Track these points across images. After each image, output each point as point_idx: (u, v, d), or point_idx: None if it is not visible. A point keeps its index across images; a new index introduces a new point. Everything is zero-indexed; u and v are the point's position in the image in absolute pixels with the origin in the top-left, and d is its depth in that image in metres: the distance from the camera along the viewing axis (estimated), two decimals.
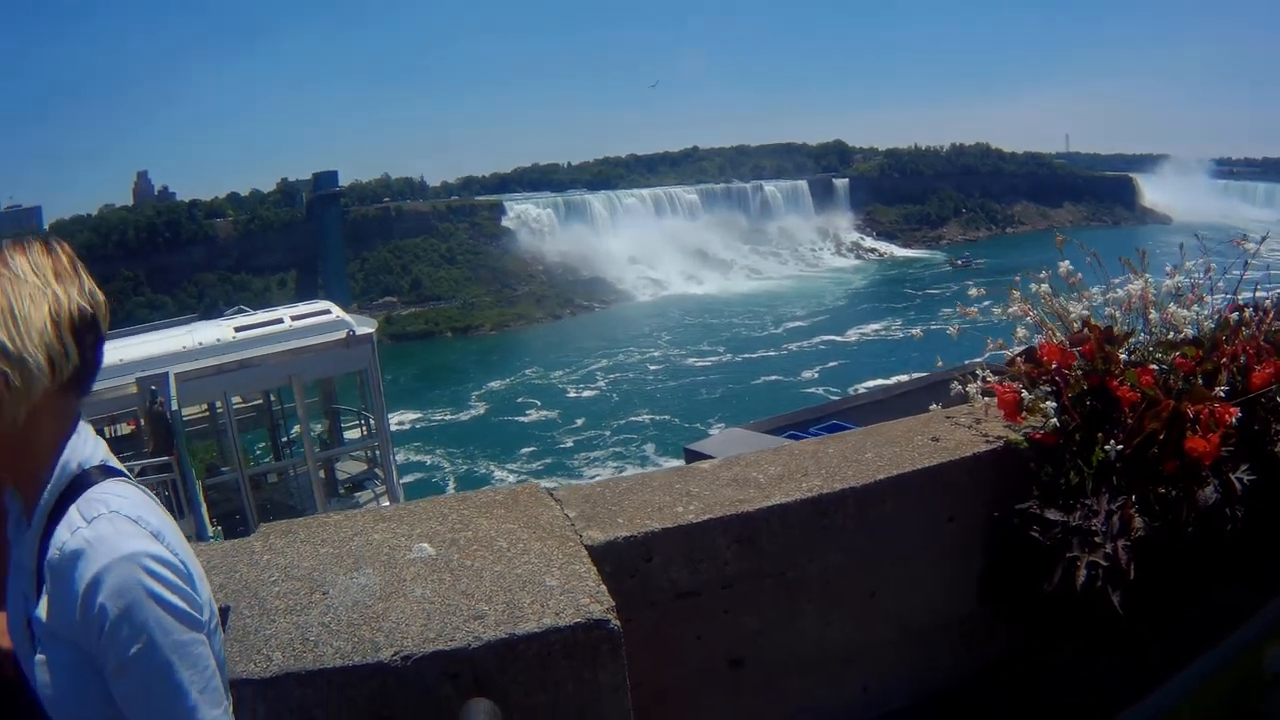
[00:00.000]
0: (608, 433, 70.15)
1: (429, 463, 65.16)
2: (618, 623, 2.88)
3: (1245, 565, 4.07)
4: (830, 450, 4.31)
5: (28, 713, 2.22)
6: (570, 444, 68.49)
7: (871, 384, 57.42)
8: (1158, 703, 4.09)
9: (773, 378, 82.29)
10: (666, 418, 72.36)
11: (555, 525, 3.47)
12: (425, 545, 3.30)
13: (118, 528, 1.90)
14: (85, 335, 2.00)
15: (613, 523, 3.58)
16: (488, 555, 3.22)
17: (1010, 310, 4.49)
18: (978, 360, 4.68)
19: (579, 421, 73.82)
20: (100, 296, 2.06)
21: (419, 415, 75.46)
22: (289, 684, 2.66)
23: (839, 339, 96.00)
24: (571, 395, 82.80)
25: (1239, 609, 4.33)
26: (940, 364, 5.31)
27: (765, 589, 3.84)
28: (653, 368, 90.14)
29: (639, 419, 73.19)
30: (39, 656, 1.90)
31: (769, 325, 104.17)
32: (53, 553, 1.88)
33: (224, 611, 2.96)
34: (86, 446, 2.03)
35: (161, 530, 1.96)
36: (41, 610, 1.90)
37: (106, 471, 2.03)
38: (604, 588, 3.01)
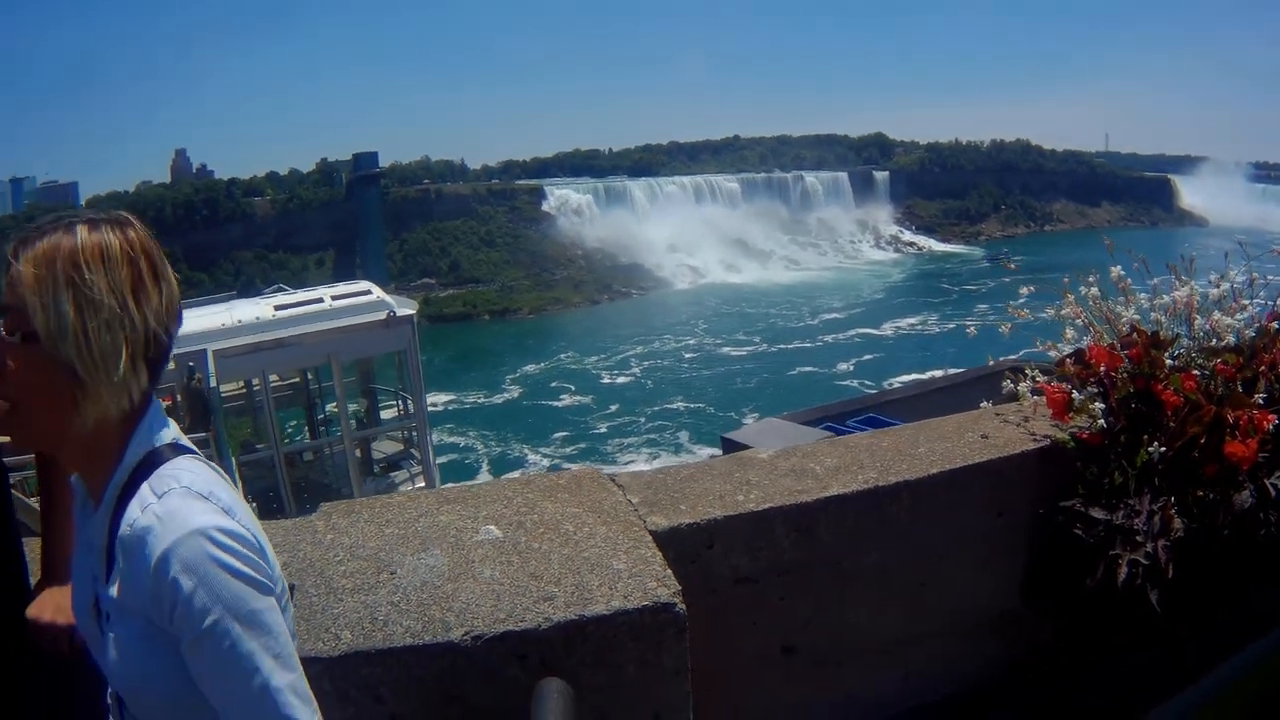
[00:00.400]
0: (642, 419, 70.26)
1: (463, 444, 65.43)
2: (683, 606, 2.92)
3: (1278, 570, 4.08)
4: (884, 444, 4.33)
5: (88, 688, 2.26)
6: (604, 429, 68.63)
7: (907, 378, 57.27)
8: (1189, 700, 4.10)
9: (808, 369, 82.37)
10: (700, 406, 72.48)
11: (619, 510, 3.50)
12: (492, 527, 3.33)
13: (188, 503, 1.92)
14: (158, 364, 2.04)
15: (675, 509, 3.60)
16: (554, 538, 3.26)
17: (1063, 312, 4.48)
18: (1011, 357, 4.69)
19: (613, 407, 74.00)
20: (176, 293, 2.08)
21: (452, 397, 75.63)
22: (357, 662, 2.70)
23: (874, 332, 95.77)
24: (606, 381, 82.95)
25: (1273, 613, 4.33)
26: (991, 362, 5.31)
27: (820, 578, 3.87)
28: (688, 355, 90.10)
29: (673, 406, 73.26)
30: (114, 633, 1.93)
31: (805, 316, 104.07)
32: (124, 530, 1.90)
33: (290, 589, 3.00)
34: (158, 425, 2.06)
35: (232, 506, 1.99)
36: (113, 588, 1.93)
37: (177, 449, 2.05)
38: (670, 572, 3.04)
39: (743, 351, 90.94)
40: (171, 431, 2.08)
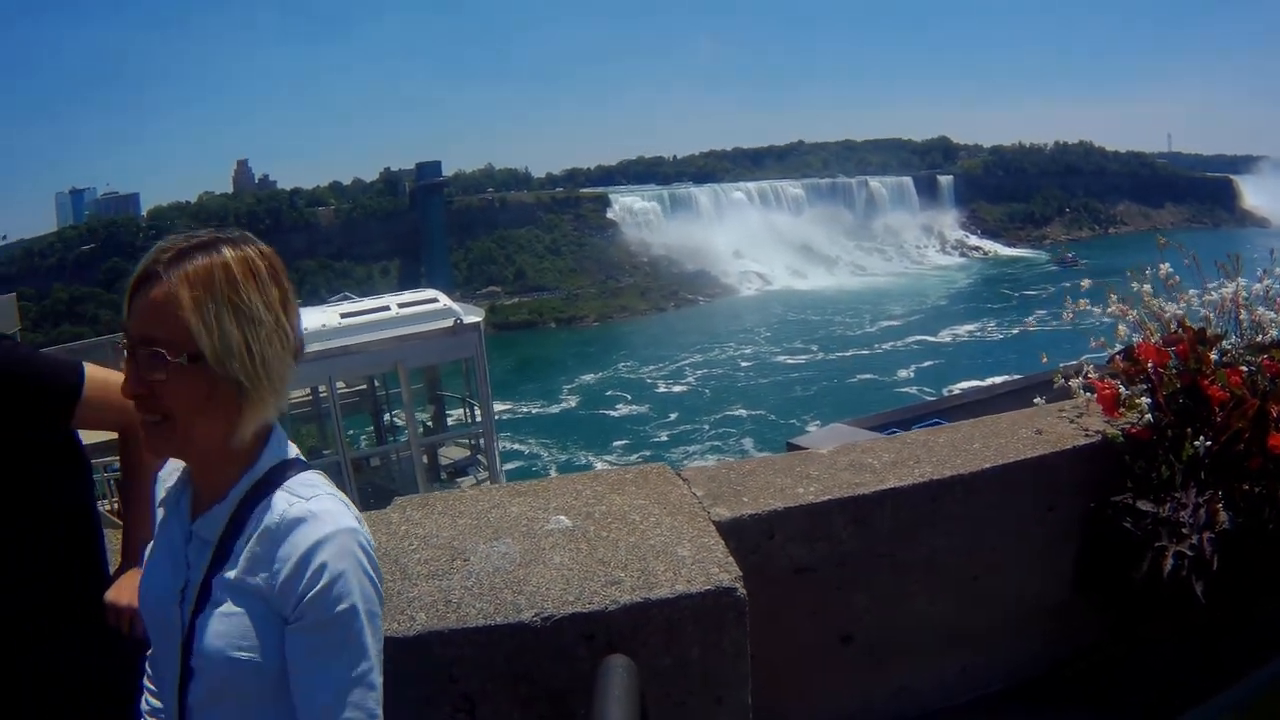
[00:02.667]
0: (705, 426, 70.14)
1: (526, 451, 65.65)
2: (744, 591, 3.01)
3: None
4: (940, 440, 4.40)
5: (136, 666, 2.40)
6: (665, 438, 68.48)
7: (966, 385, 56.82)
8: (1234, 696, 4.12)
9: (867, 376, 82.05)
10: (761, 413, 72.23)
11: (684, 502, 3.59)
12: (562, 517, 3.45)
13: (340, 507, 2.10)
14: (298, 361, 2.21)
15: (738, 501, 3.69)
16: (621, 527, 3.36)
17: (1110, 310, 4.53)
18: (1070, 363, 4.73)
19: (672, 416, 73.98)
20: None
21: (508, 406, 75.28)
22: (432, 642, 2.82)
23: (932, 339, 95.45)
24: (661, 390, 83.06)
25: None
26: (1045, 360, 5.34)
27: (876, 568, 3.95)
28: (744, 364, 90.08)
29: (735, 414, 73.08)
30: (222, 609, 2.04)
31: (866, 323, 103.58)
32: (273, 519, 2.05)
33: None
34: (285, 438, 2.24)
35: (360, 519, 2.14)
36: (230, 572, 2.05)
37: (301, 463, 2.22)
38: (732, 559, 3.13)
39: (800, 359, 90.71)
40: (293, 449, 2.25)
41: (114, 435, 2.94)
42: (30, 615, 2.65)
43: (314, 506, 2.06)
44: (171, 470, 2.33)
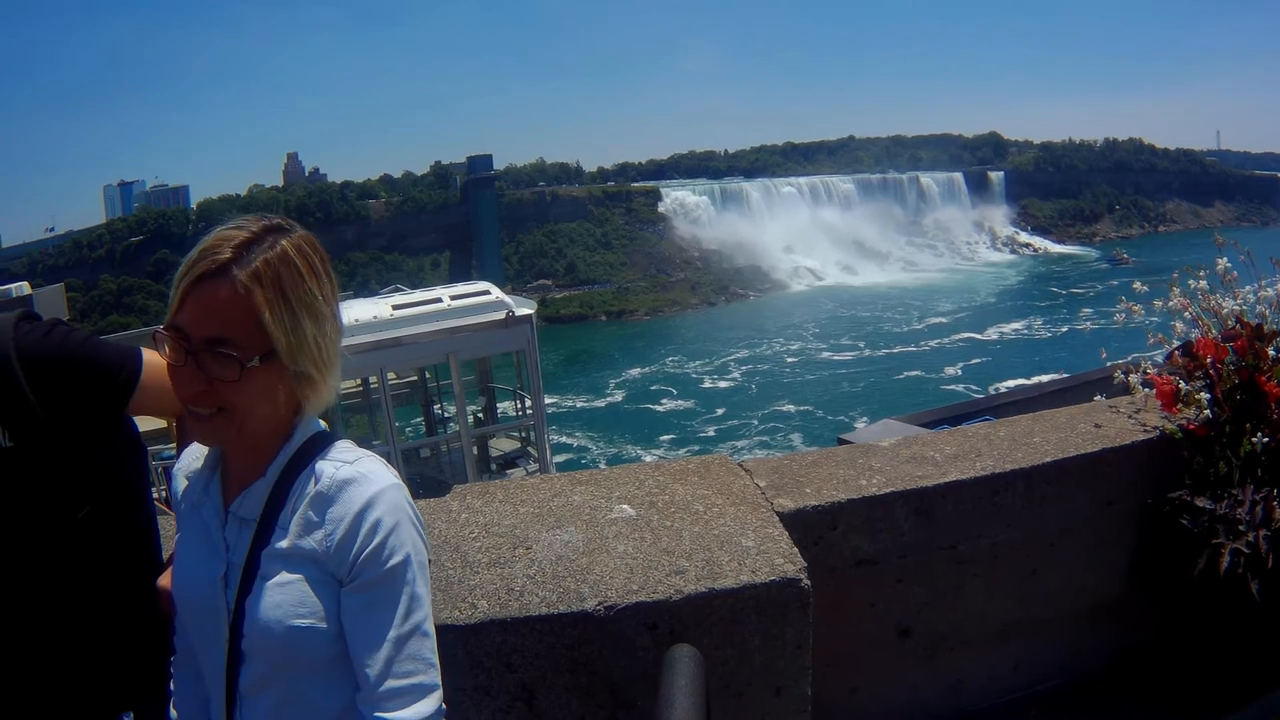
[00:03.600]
0: (754, 421, 70.08)
1: (574, 445, 65.80)
2: (808, 582, 2.99)
3: None
4: (1001, 433, 4.38)
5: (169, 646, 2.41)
6: (712, 432, 68.58)
7: (1013, 383, 56.64)
8: (1275, 703, 4.09)
9: (915, 373, 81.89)
10: (809, 408, 72.22)
11: (747, 493, 3.57)
12: (625, 506, 3.43)
13: (384, 467, 2.15)
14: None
15: (800, 492, 3.67)
16: (685, 517, 3.34)
17: (1170, 304, 4.48)
18: (1121, 361, 4.69)
19: (719, 411, 73.92)
20: None
21: (555, 400, 75.43)
22: (492, 630, 2.81)
23: (979, 336, 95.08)
24: (706, 386, 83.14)
25: None
26: (1104, 356, 5.28)
27: (936, 561, 3.93)
28: (790, 360, 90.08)
29: (782, 409, 73.08)
30: (275, 579, 2.06)
31: (913, 320, 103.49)
32: (324, 484, 2.09)
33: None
34: (314, 416, 2.25)
35: (399, 478, 2.18)
36: (281, 542, 2.07)
37: (329, 436, 2.24)
38: (795, 550, 3.11)
39: (847, 356, 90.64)
40: (323, 423, 2.27)
41: (162, 423, 2.95)
42: (88, 604, 2.65)
43: (360, 468, 2.12)
44: (192, 458, 2.36)
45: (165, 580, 2.71)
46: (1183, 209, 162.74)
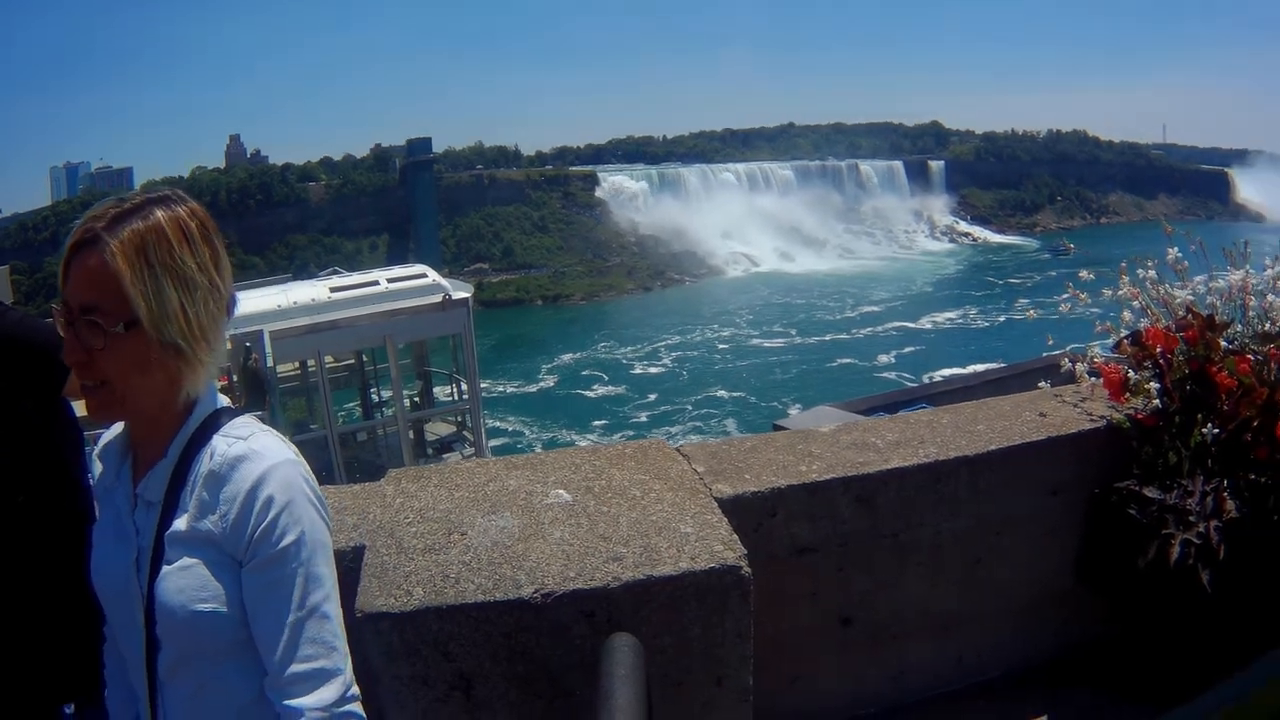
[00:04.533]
0: (688, 407, 70.79)
1: (509, 429, 65.89)
2: (749, 570, 2.95)
3: None
4: (944, 421, 4.37)
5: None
6: (645, 418, 69.17)
7: (948, 372, 57.21)
8: (1235, 687, 4.08)
9: (847, 360, 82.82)
10: (741, 394, 73.06)
11: (685, 478, 3.53)
12: (562, 492, 3.38)
13: (278, 441, 2.14)
14: (231, 315, 2.20)
15: (740, 478, 3.65)
16: (622, 503, 3.29)
17: (1120, 293, 4.49)
18: (1060, 351, 4.72)
19: (651, 396, 74.63)
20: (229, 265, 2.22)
21: (487, 385, 75.58)
22: (428, 618, 2.76)
23: (913, 325, 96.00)
24: (637, 372, 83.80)
25: None
26: (1050, 342, 5.30)
27: (878, 549, 3.93)
28: (721, 346, 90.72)
29: (715, 395, 73.80)
30: (177, 564, 2.03)
31: (849, 308, 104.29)
32: (214, 463, 2.07)
33: (358, 550, 3.09)
34: (212, 392, 2.22)
35: (299, 454, 2.17)
36: (180, 523, 2.06)
37: (230, 411, 2.21)
38: (735, 536, 3.06)
39: (779, 343, 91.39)
40: (224, 398, 2.25)
41: None
42: (25, 594, 2.60)
43: (253, 444, 2.11)
44: (107, 443, 2.31)
45: None
46: (1126, 201, 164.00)
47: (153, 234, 2.01)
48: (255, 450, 2.08)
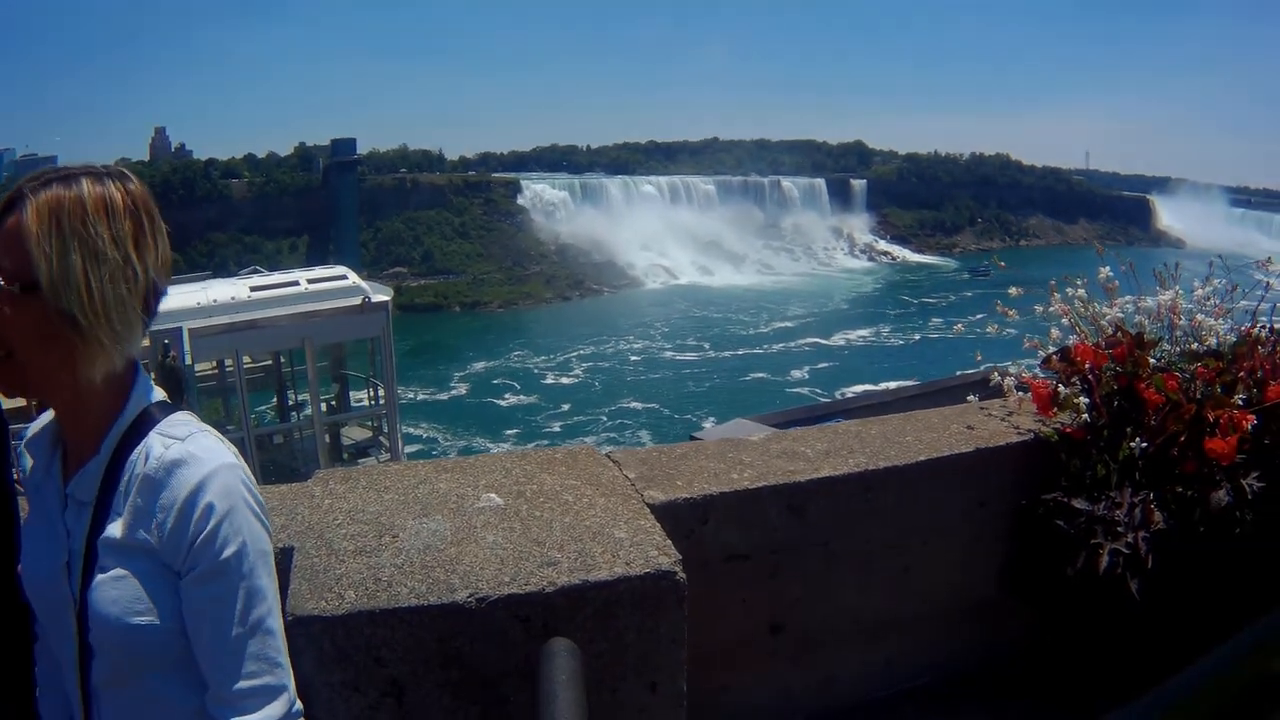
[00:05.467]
0: (603, 417, 71.28)
1: (423, 435, 65.80)
2: (683, 576, 2.95)
3: (1252, 571, 4.17)
4: (873, 431, 4.41)
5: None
6: (558, 428, 69.23)
7: (860, 389, 57.89)
8: (1162, 696, 4.14)
9: (761, 375, 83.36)
10: (655, 406, 73.53)
11: (616, 484, 3.53)
12: (493, 495, 3.36)
13: (218, 444, 2.04)
14: (153, 305, 2.10)
15: (672, 484, 3.66)
16: (555, 507, 3.28)
17: (1050, 309, 4.55)
18: (973, 371, 4.82)
19: (565, 406, 74.94)
20: (169, 254, 2.13)
21: (398, 391, 75.51)
22: (360, 622, 2.72)
23: (825, 342, 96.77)
24: (549, 381, 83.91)
25: (1244, 614, 4.42)
26: (979, 358, 5.36)
27: (809, 558, 3.95)
28: (633, 359, 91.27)
29: (629, 406, 74.29)
30: (111, 574, 1.96)
31: (763, 322, 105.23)
32: (151, 465, 1.97)
33: (287, 552, 3.02)
34: (150, 384, 2.13)
35: (239, 455, 2.09)
36: (114, 529, 1.97)
37: (168, 407, 2.11)
38: (670, 542, 3.07)
39: (691, 356, 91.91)
40: (158, 392, 2.15)
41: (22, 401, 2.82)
42: None
43: (191, 447, 2.01)
44: (35, 434, 2.23)
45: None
46: (1046, 225, 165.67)
47: (71, 200, 1.94)
48: (193, 454, 1.99)
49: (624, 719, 3.04)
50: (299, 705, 2.06)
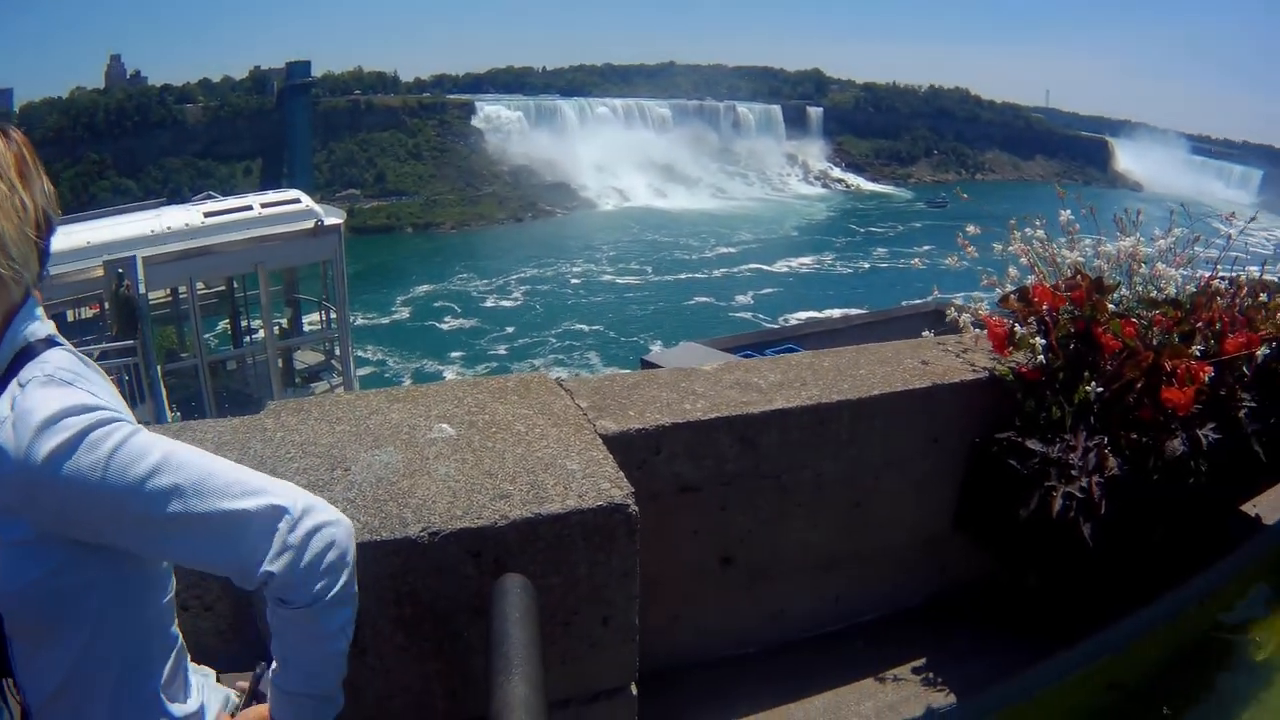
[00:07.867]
0: (552, 339, 71.77)
1: (373, 359, 65.76)
2: (635, 508, 2.94)
3: (1203, 520, 4.20)
4: (826, 364, 4.39)
5: None
6: (504, 351, 69.80)
7: (804, 315, 58.14)
8: (1105, 642, 4.21)
9: (705, 299, 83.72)
10: (600, 329, 74.05)
11: (569, 414, 3.50)
12: (445, 426, 3.32)
13: (46, 391, 1.87)
14: (45, 238, 2.01)
15: (624, 415, 3.65)
16: (507, 438, 3.25)
17: (1010, 248, 4.55)
18: (920, 300, 4.82)
19: (509, 329, 74.99)
20: (51, 187, 2.05)
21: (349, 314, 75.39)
22: None
23: (768, 268, 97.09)
24: (489, 305, 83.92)
25: (1192, 561, 4.48)
26: (936, 292, 5.35)
27: (761, 490, 3.95)
28: (574, 282, 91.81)
29: (575, 328, 74.75)
30: None
31: (708, 248, 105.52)
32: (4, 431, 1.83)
33: None
34: (33, 317, 2.02)
35: (96, 391, 1.94)
36: None
37: (51, 342, 2.00)
38: (622, 474, 3.05)
39: (633, 280, 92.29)
40: (47, 326, 2.04)
41: None
42: None
43: (25, 402, 1.85)
44: None
45: None
46: (1003, 160, 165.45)
47: None
48: (24, 410, 1.81)
49: (576, 653, 3.03)
50: (302, 500, 2.11)
